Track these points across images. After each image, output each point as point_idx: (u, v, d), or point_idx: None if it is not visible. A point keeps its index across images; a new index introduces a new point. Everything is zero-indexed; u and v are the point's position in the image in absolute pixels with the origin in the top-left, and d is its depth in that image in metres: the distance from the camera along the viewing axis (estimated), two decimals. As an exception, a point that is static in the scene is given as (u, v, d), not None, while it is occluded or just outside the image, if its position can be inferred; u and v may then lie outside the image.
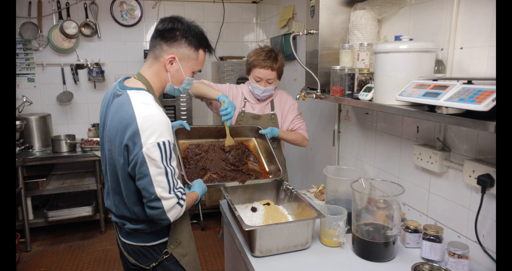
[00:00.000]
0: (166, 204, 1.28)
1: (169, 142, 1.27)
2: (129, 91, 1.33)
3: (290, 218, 1.76)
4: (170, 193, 1.29)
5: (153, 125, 1.24)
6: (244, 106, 2.24)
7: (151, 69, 1.41)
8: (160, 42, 1.38)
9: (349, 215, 1.59)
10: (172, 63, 1.39)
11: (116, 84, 1.43)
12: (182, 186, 1.37)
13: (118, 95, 1.36)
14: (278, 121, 2.25)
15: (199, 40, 1.42)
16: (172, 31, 1.37)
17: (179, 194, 1.32)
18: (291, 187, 1.87)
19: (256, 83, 2.14)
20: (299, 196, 1.76)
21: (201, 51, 1.45)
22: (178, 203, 1.32)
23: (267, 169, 1.97)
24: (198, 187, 1.58)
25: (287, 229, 1.48)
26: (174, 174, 1.31)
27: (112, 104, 1.38)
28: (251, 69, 2.14)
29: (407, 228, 1.56)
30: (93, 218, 3.63)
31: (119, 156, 1.31)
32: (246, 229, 1.43)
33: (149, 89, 1.40)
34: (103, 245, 3.47)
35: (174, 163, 1.31)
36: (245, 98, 2.25)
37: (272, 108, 2.25)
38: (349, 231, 1.57)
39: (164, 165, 1.26)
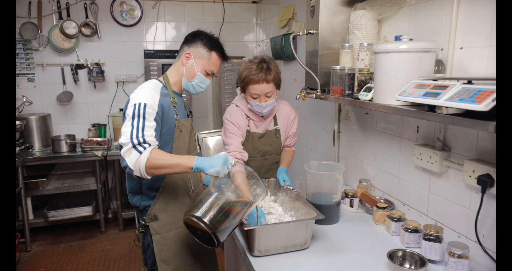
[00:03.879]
0: (123, 149, 1.37)
1: (145, 104, 1.44)
2: None
3: (289, 218, 1.76)
4: (128, 139, 1.36)
5: (138, 95, 1.48)
6: (248, 125, 2.04)
7: (174, 67, 1.69)
8: (183, 46, 1.67)
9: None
10: (188, 59, 1.64)
11: None
12: (152, 140, 1.40)
13: None
14: (281, 135, 2.13)
15: (213, 44, 1.66)
16: (194, 36, 1.67)
17: (137, 140, 1.36)
18: (291, 187, 1.87)
19: (254, 101, 1.92)
20: (299, 196, 1.76)
21: (213, 53, 1.66)
22: (134, 147, 1.35)
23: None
24: (211, 158, 1.41)
25: (286, 229, 1.48)
26: (142, 129, 1.40)
27: None
28: (245, 87, 1.93)
29: (407, 228, 1.56)
30: (93, 218, 3.64)
31: None
32: (245, 229, 1.44)
33: (165, 79, 1.65)
34: (103, 245, 3.46)
35: (148, 123, 1.42)
36: (247, 117, 2.04)
37: (275, 123, 2.10)
38: None
39: (132, 119, 1.41)
